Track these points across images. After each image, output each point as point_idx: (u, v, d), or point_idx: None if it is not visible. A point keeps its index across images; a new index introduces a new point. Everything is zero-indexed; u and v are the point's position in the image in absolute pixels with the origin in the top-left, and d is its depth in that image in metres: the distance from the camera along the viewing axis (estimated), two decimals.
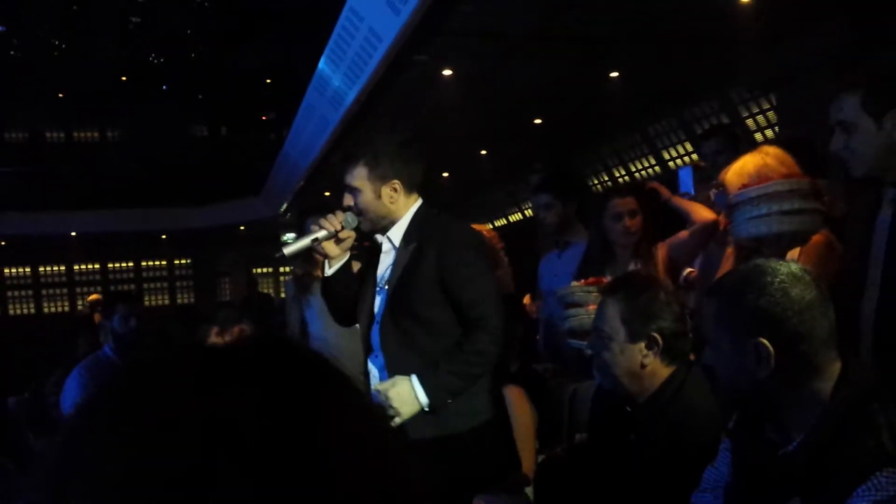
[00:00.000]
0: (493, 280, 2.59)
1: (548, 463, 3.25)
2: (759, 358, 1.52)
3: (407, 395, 2.41)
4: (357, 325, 2.76)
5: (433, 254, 2.50)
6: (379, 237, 2.67)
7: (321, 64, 8.59)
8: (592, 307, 2.68)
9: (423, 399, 2.41)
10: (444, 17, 5.79)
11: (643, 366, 2.07)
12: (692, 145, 9.28)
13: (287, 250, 2.51)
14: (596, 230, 3.60)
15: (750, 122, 8.20)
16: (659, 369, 2.08)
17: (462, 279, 2.48)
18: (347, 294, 2.70)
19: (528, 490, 3.18)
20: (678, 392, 2.05)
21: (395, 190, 2.57)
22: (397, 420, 2.41)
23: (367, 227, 2.63)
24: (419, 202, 2.64)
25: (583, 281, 3.15)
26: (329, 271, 2.65)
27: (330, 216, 2.56)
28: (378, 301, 2.61)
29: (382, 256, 2.65)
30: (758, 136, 8.02)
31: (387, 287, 2.57)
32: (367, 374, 2.64)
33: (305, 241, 2.53)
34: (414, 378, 2.42)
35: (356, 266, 2.85)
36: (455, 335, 2.49)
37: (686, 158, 9.51)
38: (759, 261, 1.65)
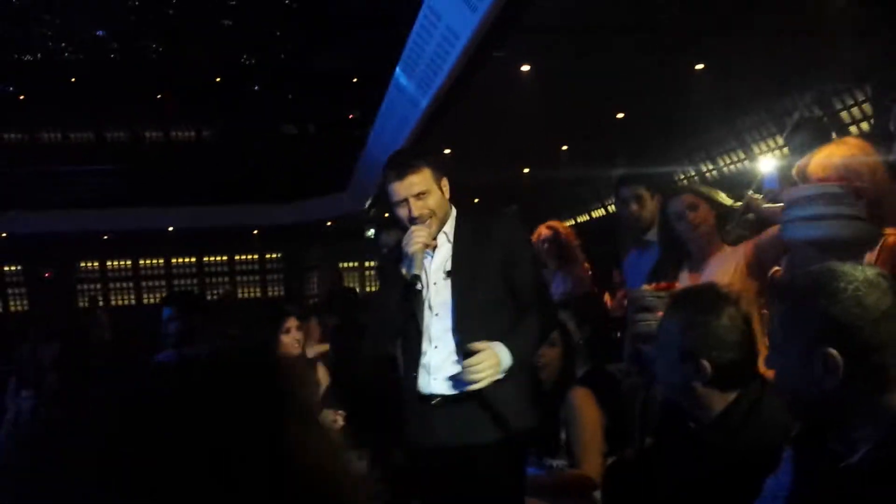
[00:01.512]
0: (541, 270, 2.91)
1: (616, 466, 3.21)
2: (827, 368, 1.44)
3: (496, 357, 2.55)
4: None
5: (494, 243, 2.69)
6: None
7: (399, 63, 8.68)
8: (661, 313, 2.62)
9: (507, 361, 2.56)
10: (520, 12, 5.75)
11: (692, 389, 1.95)
12: (783, 139, 8.90)
13: (413, 273, 2.60)
14: (662, 231, 3.50)
15: (844, 114, 7.81)
16: (712, 395, 1.95)
17: (520, 263, 2.70)
18: (384, 314, 2.84)
19: (596, 493, 3.15)
20: (747, 420, 1.93)
21: (447, 186, 2.75)
22: (481, 384, 2.54)
23: (437, 230, 2.73)
24: (455, 209, 2.81)
25: (654, 285, 3.06)
26: (416, 272, 2.65)
27: (416, 231, 2.64)
28: (434, 291, 2.71)
29: (438, 251, 2.75)
30: (852, 128, 7.64)
31: (456, 276, 2.70)
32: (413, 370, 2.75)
33: (420, 258, 2.63)
34: (497, 344, 2.56)
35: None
36: (515, 322, 2.67)
37: (776, 152, 9.15)
38: (832, 264, 1.55)
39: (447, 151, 9.17)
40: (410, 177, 2.66)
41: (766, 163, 4.98)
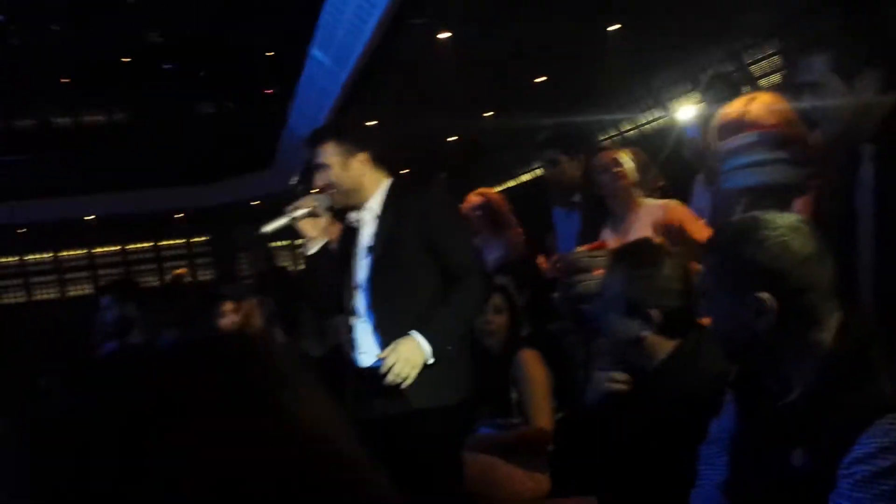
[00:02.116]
0: (471, 238, 2.85)
1: (566, 421, 3.32)
2: (760, 312, 1.51)
3: (411, 351, 2.54)
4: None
5: (416, 218, 2.65)
6: (353, 216, 2.78)
7: (318, 33, 8.53)
8: (598, 272, 2.69)
9: (427, 348, 2.55)
10: None
11: (641, 339, 2.04)
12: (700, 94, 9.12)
13: (266, 229, 2.70)
14: (587, 189, 3.59)
15: (754, 68, 8.07)
16: (660, 343, 2.04)
17: (446, 235, 2.66)
18: (327, 279, 2.82)
19: (549, 447, 3.26)
20: (687, 364, 2.03)
21: (362, 162, 2.70)
22: (407, 382, 2.55)
23: (340, 203, 2.74)
24: (391, 180, 2.77)
25: (586, 246, 3.15)
26: (310, 251, 2.76)
27: (304, 198, 2.72)
28: (363, 267, 2.73)
29: (364, 228, 2.75)
30: (762, 81, 7.91)
31: (372, 253, 2.69)
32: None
33: (283, 220, 2.70)
34: (413, 333, 2.55)
35: None
36: (440, 298, 2.64)
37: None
38: (754, 213, 1.62)
39: (373, 123, 9.11)
40: (315, 147, 2.71)
41: (686, 112, 5.10)
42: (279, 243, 21.15)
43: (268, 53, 20.58)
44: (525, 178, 15.51)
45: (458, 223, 2.79)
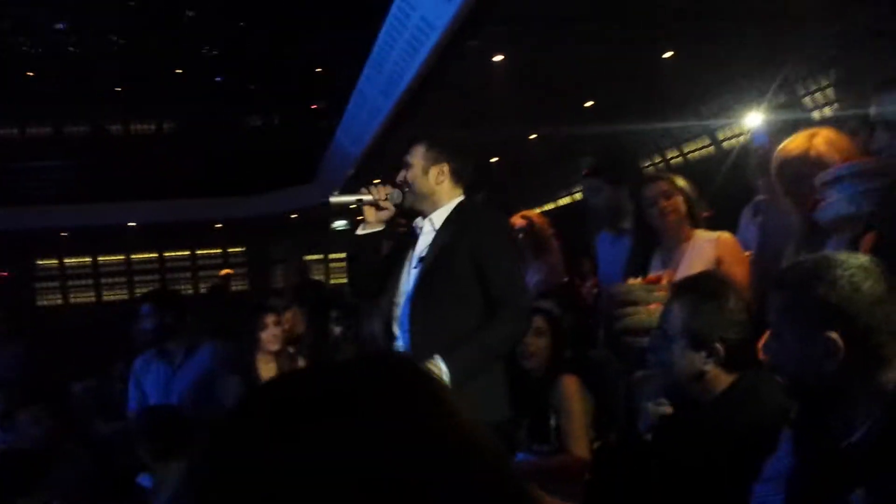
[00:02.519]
0: (520, 267, 2.87)
1: (603, 450, 3.26)
2: (828, 352, 1.50)
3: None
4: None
5: (470, 238, 2.65)
6: (419, 221, 2.81)
7: (374, 52, 8.62)
8: (654, 306, 2.66)
9: (445, 376, 2.46)
10: (494, 2, 5.76)
11: (703, 373, 2.03)
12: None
13: (333, 199, 2.75)
14: (637, 219, 3.55)
15: (807, 100, 7.97)
16: (720, 376, 2.03)
17: (494, 261, 2.64)
18: (371, 264, 2.85)
19: (586, 476, 3.21)
20: (746, 399, 2.02)
21: (442, 173, 2.74)
22: None
23: (409, 203, 2.78)
24: (462, 196, 2.80)
25: (640, 279, 3.10)
26: (360, 231, 2.80)
27: (379, 186, 2.76)
28: (412, 278, 2.73)
29: (421, 238, 2.78)
30: (815, 114, 7.80)
31: (423, 264, 2.70)
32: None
33: (350, 198, 2.75)
34: (436, 357, 2.50)
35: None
36: (478, 324, 2.62)
37: (742, 138, 9.29)
38: (826, 253, 1.66)
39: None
40: (410, 146, 2.79)
41: (754, 118, 5.04)
42: (313, 257, 21.35)
43: (317, 69, 20.85)
44: (563, 201, 15.45)
45: (506, 251, 2.76)
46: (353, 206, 2.76)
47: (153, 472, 3.08)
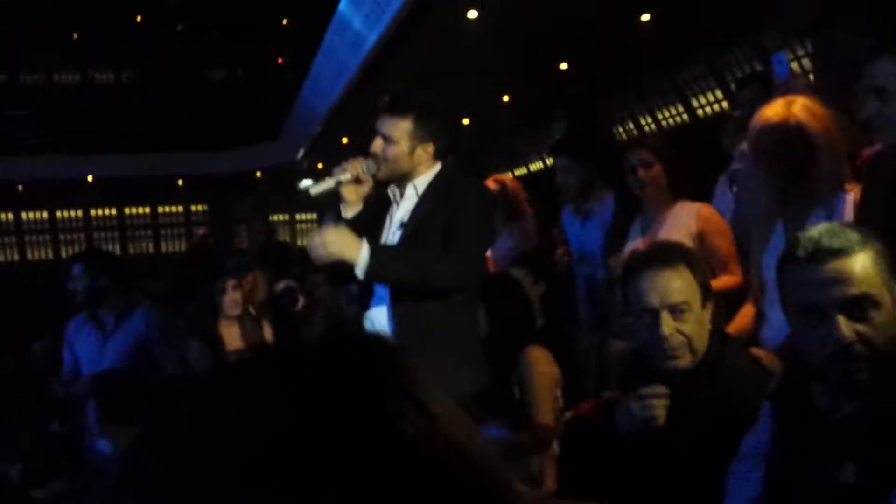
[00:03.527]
0: (487, 240, 2.82)
1: (575, 419, 3.18)
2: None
3: (346, 242, 2.42)
4: None
5: (446, 200, 2.58)
6: (393, 188, 2.71)
7: (341, 5, 8.36)
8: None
9: (363, 259, 2.40)
10: None
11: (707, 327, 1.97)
12: (722, 93, 9.01)
13: (314, 190, 2.62)
14: (619, 186, 3.46)
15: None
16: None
17: (464, 222, 2.54)
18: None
19: (555, 444, 3.13)
20: (719, 358, 1.95)
21: (426, 152, 2.62)
22: (321, 252, 2.41)
23: (383, 177, 2.65)
24: (440, 164, 2.69)
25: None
26: (347, 215, 2.66)
27: (353, 161, 2.61)
28: (391, 242, 2.65)
29: (403, 203, 2.68)
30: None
31: (403, 229, 2.62)
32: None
33: (330, 183, 2.59)
34: (364, 242, 2.44)
35: None
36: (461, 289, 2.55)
37: (716, 106, 9.24)
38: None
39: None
40: (392, 116, 2.58)
41: (778, 58, 4.97)
42: (277, 217, 21.06)
43: (283, 21, 20.38)
44: (534, 166, 15.35)
45: (474, 208, 2.62)
46: (335, 188, 2.60)
47: (108, 436, 2.96)
